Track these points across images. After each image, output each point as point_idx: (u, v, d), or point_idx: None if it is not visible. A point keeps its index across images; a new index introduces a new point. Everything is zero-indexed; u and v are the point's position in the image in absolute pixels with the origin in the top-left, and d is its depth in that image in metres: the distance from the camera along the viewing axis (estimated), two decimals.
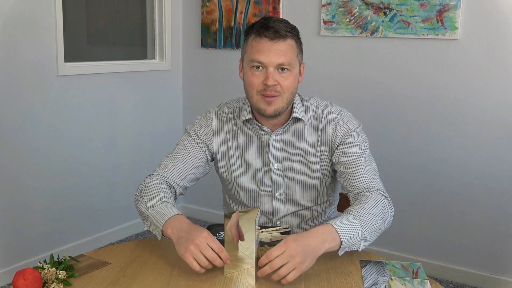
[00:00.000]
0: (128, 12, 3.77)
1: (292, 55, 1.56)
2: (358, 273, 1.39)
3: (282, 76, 1.55)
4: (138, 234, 3.64)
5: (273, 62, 1.53)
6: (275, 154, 1.69)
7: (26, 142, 2.91)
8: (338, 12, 3.16)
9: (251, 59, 1.56)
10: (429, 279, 1.37)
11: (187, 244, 1.34)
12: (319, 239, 1.34)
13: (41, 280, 1.24)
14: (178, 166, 1.67)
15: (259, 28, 1.56)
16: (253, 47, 1.56)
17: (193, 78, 3.85)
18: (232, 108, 1.75)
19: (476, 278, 2.99)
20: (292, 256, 1.28)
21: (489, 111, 2.85)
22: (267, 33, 1.53)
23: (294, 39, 1.58)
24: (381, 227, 1.48)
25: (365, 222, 1.43)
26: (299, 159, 1.69)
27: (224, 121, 1.73)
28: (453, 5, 2.83)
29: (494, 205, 2.90)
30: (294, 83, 1.59)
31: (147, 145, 3.60)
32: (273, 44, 1.53)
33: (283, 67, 1.55)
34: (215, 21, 3.65)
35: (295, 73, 1.59)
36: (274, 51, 1.53)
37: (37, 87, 2.93)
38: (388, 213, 1.54)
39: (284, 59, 1.54)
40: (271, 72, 1.54)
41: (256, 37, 1.55)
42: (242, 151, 1.71)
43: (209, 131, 1.73)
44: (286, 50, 1.54)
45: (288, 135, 1.69)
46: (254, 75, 1.56)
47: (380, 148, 3.15)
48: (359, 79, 3.19)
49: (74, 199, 3.22)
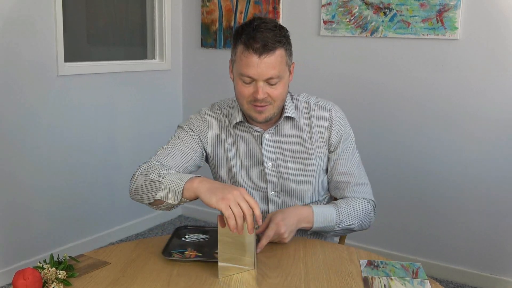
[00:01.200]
0: (128, 12, 3.77)
1: (281, 65, 1.55)
2: (358, 273, 1.39)
3: (272, 87, 1.56)
4: (138, 234, 3.64)
5: (262, 76, 1.53)
6: (269, 153, 1.70)
7: (26, 142, 2.91)
8: (338, 12, 3.16)
9: (241, 73, 1.56)
10: (429, 279, 1.37)
11: (223, 193, 1.31)
12: (298, 218, 1.58)
13: (41, 280, 1.24)
14: (175, 154, 1.65)
15: (247, 39, 1.52)
16: (241, 60, 1.55)
17: (193, 78, 3.85)
18: (224, 108, 1.76)
19: (476, 278, 2.99)
20: (281, 234, 1.51)
21: (489, 111, 2.85)
22: (255, 45, 1.51)
23: (284, 47, 1.56)
24: (356, 228, 1.70)
25: (343, 220, 1.65)
26: (292, 156, 1.70)
27: (218, 120, 1.74)
28: (453, 5, 2.83)
29: (494, 205, 2.90)
30: (284, 90, 1.60)
31: (147, 145, 3.60)
32: (262, 59, 1.51)
33: (272, 79, 1.54)
34: (215, 21, 3.65)
35: (285, 80, 1.59)
36: (263, 65, 1.52)
37: (37, 87, 2.93)
38: (368, 219, 1.72)
39: (273, 72, 1.53)
40: (261, 86, 1.54)
41: (245, 51, 1.53)
42: (238, 150, 1.72)
43: (204, 128, 1.73)
44: (275, 63, 1.53)
45: (280, 133, 1.70)
46: (244, 86, 1.57)
47: (379, 148, 3.16)
48: (359, 79, 3.19)
49: (74, 199, 3.23)
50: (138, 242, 1.56)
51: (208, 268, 1.38)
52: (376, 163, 3.14)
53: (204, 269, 1.38)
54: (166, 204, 1.48)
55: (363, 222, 1.70)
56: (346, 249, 1.55)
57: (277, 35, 1.53)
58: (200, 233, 1.59)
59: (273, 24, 1.56)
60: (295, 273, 1.38)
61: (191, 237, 1.57)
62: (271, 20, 1.58)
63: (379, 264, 1.45)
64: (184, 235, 1.57)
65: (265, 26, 1.54)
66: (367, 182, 1.75)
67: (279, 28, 1.56)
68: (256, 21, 1.55)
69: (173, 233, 1.58)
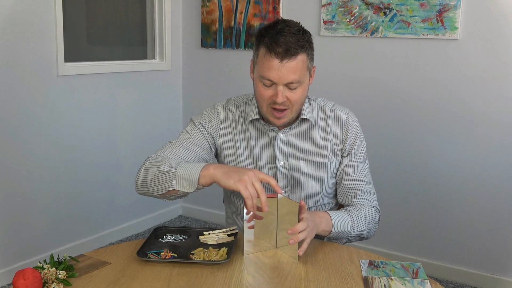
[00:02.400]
0: (128, 12, 3.77)
1: (303, 70, 1.56)
2: (358, 273, 1.39)
3: (291, 91, 1.57)
4: (138, 234, 3.64)
5: (283, 80, 1.54)
6: (282, 152, 1.71)
7: (26, 142, 2.91)
8: (338, 12, 3.16)
9: (261, 75, 1.57)
10: (429, 279, 1.37)
11: (239, 175, 1.41)
12: (319, 221, 1.56)
13: (41, 280, 1.24)
14: (181, 152, 1.67)
15: (270, 42, 1.53)
16: (263, 63, 1.55)
17: (193, 78, 3.85)
18: (239, 104, 1.77)
19: (476, 278, 2.99)
20: (309, 232, 1.47)
21: (489, 111, 2.85)
22: (278, 49, 1.51)
23: (306, 52, 1.56)
24: (365, 235, 1.71)
25: (356, 225, 1.66)
26: (305, 157, 1.71)
27: (232, 116, 1.75)
28: (453, 5, 2.83)
29: (494, 205, 2.90)
30: (303, 94, 1.61)
31: (147, 145, 3.60)
32: (283, 64, 1.52)
33: (292, 83, 1.55)
34: (215, 21, 3.65)
35: (305, 85, 1.60)
36: (284, 70, 1.53)
37: (37, 87, 2.93)
38: (374, 227, 1.75)
39: (294, 77, 1.54)
40: (281, 90, 1.55)
41: (267, 54, 1.54)
42: (250, 147, 1.73)
43: (217, 123, 1.74)
44: (296, 68, 1.54)
45: (294, 133, 1.71)
46: (264, 89, 1.58)
47: (379, 148, 3.15)
48: (359, 79, 3.19)
49: (74, 199, 3.23)
50: (138, 242, 1.56)
51: (208, 268, 1.38)
52: (375, 163, 3.13)
53: (204, 269, 1.38)
54: (180, 193, 1.54)
55: (371, 229, 1.72)
56: (346, 249, 1.55)
57: (300, 39, 1.54)
58: (178, 233, 1.60)
59: (296, 28, 1.56)
60: (295, 273, 1.38)
61: (169, 237, 1.57)
62: (295, 23, 1.58)
63: (379, 264, 1.45)
64: (162, 236, 1.58)
65: (288, 30, 1.54)
66: (374, 191, 1.79)
67: (303, 32, 1.57)
68: (280, 24, 1.56)
69: (151, 233, 1.59)
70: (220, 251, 1.46)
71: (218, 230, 1.57)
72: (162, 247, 1.49)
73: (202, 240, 1.53)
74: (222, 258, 1.42)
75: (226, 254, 1.45)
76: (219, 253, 1.45)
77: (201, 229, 1.60)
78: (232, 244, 1.50)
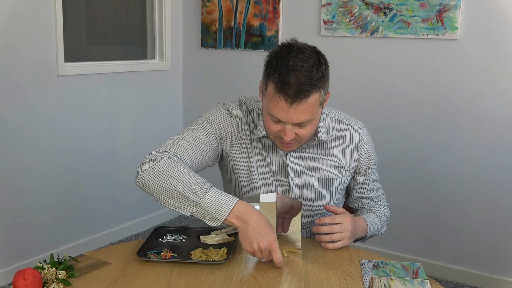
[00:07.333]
0: (128, 12, 3.77)
1: (314, 108, 1.44)
2: (358, 273, 1.39)
3: (301, 128, 1.48)
4: (138, 234, 3.63)
5: (292, 121, 1.44)
6: (294, 167, 1.64)
7: (26, 142, 2.91)
8: (338, 12, 3.16)
9: (269, 112, 1.46)
10: (429, 279, 1.37)
11: (252, 242, 1.37)
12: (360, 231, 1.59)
13: (41, 280, 1.24)
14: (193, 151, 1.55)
15: (279, 81, 1.39)
16: (272, 101, 1.43)
17: (193, 78, 3.85)
18: (252, 112, 1.65)
19: (476, 278, 2.99)
20: (347, 230, 1.51)
21: (489, 111, 2.85)
22: (288, 91, 1.38)
23: (319, 91, 1.43)
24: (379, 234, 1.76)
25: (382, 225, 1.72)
26: (317, 173, 1.65)
27: (246, 123, 1.64)
28: (453, 5, 2.83)
29: (494, 205, 2.90)
30: (313, 128, 1.52)
31: (147, 145, 3.60)
32: (293, 107, 1.40)
33: (302, 123, 1.46)
34: (215, 21, 3.65)
35: (316, 120, 1.50)
36: (293, 112, 1.42)
37: (37, 87, 2.93)
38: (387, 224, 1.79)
39: (304, 118, 1.43)
40: (289, 128, 1.46)
41: (275, 94, 1.41)
42: (263, 159, 1.64)
43: (230, 128, 1.62)
44: (306, 109, 1.42)
45: (306, 149, 1.64)
46: (272, 123, 1.48)
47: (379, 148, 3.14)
48: (359, 79, 3.19)
49: (74, 199, 3.23)
50: (138, 242, 1.56)
51: (208, 268, 1.38)
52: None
53: (204, 269, 1.38)
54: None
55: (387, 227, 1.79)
56: (346, 249, 1.55)
57: (313, 78, 1.40)
58: (178, 233, 1.59)
59: (310, 63, 1.42)
60: (295, 273, 1.38)
61: (169, 237, 1.57)
62: (309, 55, 1.43)
63: (379, 264, 1.45)
64: (162, 236, 1.58)
65: (301, 66, 1.40)
66: (383, 191, 1.83)
67: (317, 67, 1.42)
68: (292, 59, 1.40)
69: (151, 233, 1.59)
70: (220, 251, 1.46)
71: (219, 229, 1.57)
72: (162, 247, 1.49)
73: (202, 240, 1.53)
74: (222, 258, 1.42)
75: (226, 254, 1.44)
76: (219, 253, 1.45)
77: (201, 229, 1.59)
78: (232, 244, 1.49)
